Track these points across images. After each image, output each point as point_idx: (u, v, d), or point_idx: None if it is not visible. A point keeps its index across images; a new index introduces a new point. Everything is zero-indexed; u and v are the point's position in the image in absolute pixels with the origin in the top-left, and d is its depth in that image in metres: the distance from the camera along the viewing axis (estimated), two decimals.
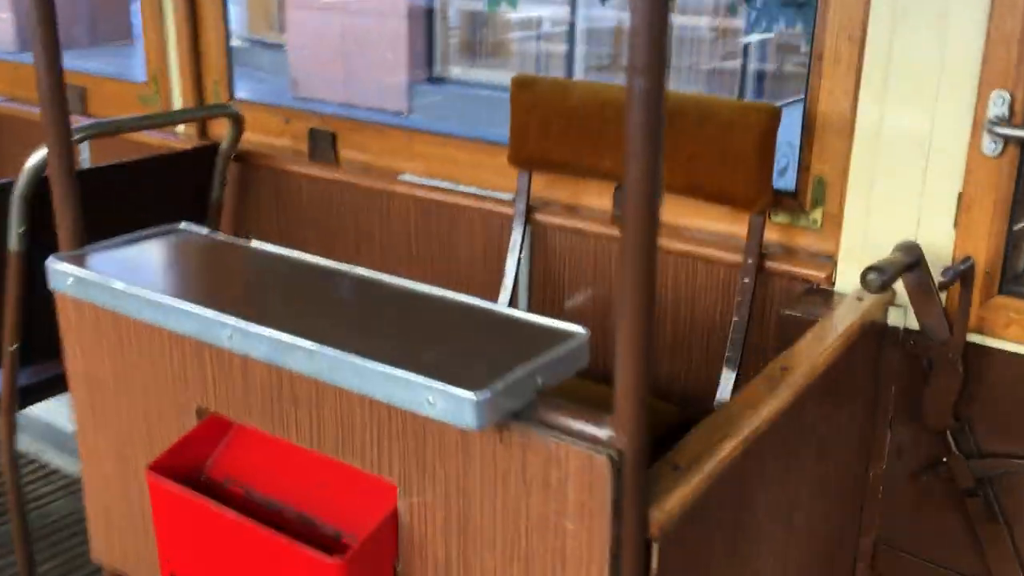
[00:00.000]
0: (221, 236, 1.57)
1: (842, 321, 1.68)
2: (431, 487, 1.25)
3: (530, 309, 2.30)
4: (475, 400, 1.08)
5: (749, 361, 2.02)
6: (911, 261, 1.69)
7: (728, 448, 1.29)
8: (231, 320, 1.26)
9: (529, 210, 2.22)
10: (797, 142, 2.01)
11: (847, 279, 1.88)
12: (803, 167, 1.97)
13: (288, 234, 2.64)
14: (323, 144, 2.59)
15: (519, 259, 2.21)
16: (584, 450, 1.11)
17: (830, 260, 1.93)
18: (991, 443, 1.79)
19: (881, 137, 1.76)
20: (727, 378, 1.97)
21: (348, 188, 2.50)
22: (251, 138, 2.66)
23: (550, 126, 2.07)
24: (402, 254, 2.46)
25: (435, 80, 9.37)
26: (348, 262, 2.50)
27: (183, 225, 1.60)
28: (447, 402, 1.10)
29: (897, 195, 1.77)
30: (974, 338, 1.74)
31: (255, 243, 1.53)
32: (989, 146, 1.65)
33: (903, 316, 1.82)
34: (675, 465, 1.24)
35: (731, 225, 2.07)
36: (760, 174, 1.88)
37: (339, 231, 2.55)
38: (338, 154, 2.59)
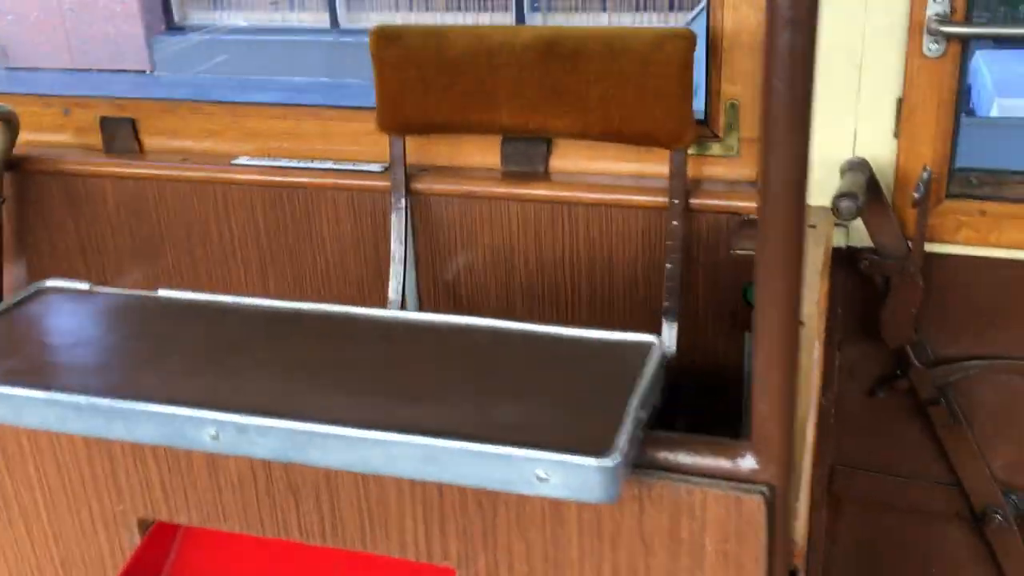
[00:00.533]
0: (111, 291, 1.19)
1: (811, 255, 1.56)
2: (505, 564, 1.01)
3: (421, 296, 2.04)
4: (607, 467, 0.85)
5: (688, 308, 1.88)
6: (868, 179, 1.59)
7: (811, 435, 1.13)
8: (213, 415, 0.94)
9: (407, 180, 1.93)
10: None
11: None
12: (712, 91, 1.82)
13: (97, 253, 2.19)
14: (121, 134, 2.15)
15: (405, 238, 1.94)
16: (727, 492, 0.91)
17: (756, 188, 1.81)
18: (947, 348, 1.76)
19: None
20: (670, 329, 1.82)
21: (167, 185, 2.09)
22: (20, 138, 2.16)
23: (429, 83, 1.79)
24: (251, 255, 2.10)
25: (175, 29, 8.41)
26: (182, 277, 2.13)
27: (50, 283, 1.21)
28: (566, 475, 0.86)
29: (829, 110, 1.66)
30: (927, 247, 1.69)
31: (164, 292, 1.18)
32: (930, 46, 1.56)
33: (844, 235, 1.73)
34: None
35: (639, 164, 1.89)
36: (682, 107, 1.71)
37: (164, 239, 2.14)
38: (142, 144, 2.16)
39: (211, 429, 0.94)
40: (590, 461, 0.85)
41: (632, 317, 1.94)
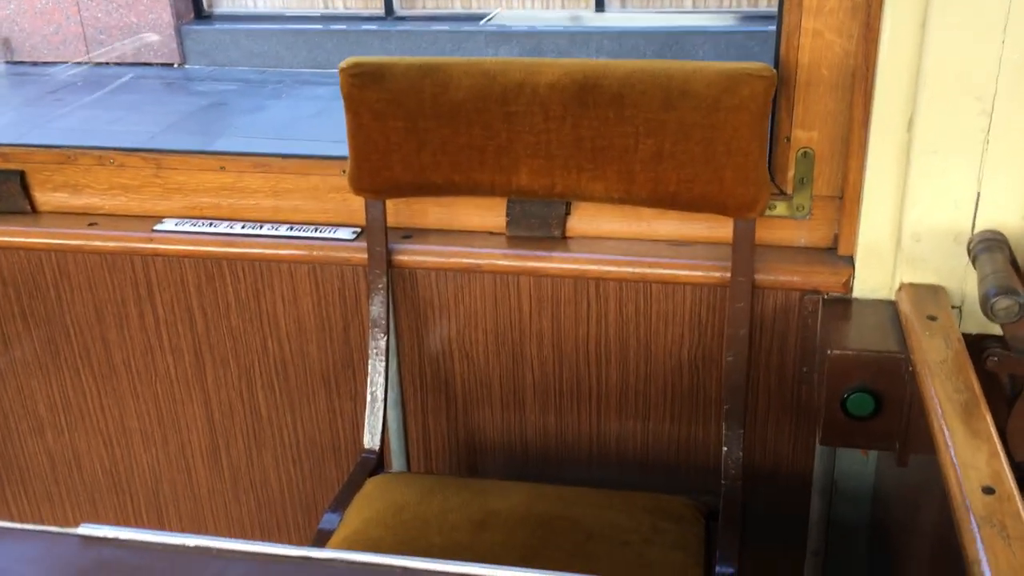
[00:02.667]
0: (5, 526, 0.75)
1: (948, 359, 1.19)
2: None
3: (405, 395, 1.62)
4: None
5: (753, 410, 1.51)
6: (1010, 259, 1.24)
7: None
8: None
9: (388, 252, 1.51)
10: None
11: (870, 283, 1.40)
12: (780, 137, 1.44)
13: None
14: (6, 191, 1.67)
15: (389, 325, 1.51)
16: None
17: (835, 257, 1.44)
18: None
19: (917, 86, 1.26)
20: (734, 439, 1.45)
21: (70, 256, 1.63)
22: None
23: (423, 136, 1.36)
24: (183, 342, 1.65)
25: (203, 18, 7.55)
26: (93, 370, 1.67)
27: None
28: None
29: (944, 165, 1.29)
30: None
31: (86, 530, 0.75)
32: None
33: (956, 318, 1.38)
34: None
35: (682, 226, 1.51)
36: (757, 167, 1.33)
37: (69, 323, 1.67)
38: (35, 203, 1.69)
39: None
40: None
41: (675, 414, 1.56)
